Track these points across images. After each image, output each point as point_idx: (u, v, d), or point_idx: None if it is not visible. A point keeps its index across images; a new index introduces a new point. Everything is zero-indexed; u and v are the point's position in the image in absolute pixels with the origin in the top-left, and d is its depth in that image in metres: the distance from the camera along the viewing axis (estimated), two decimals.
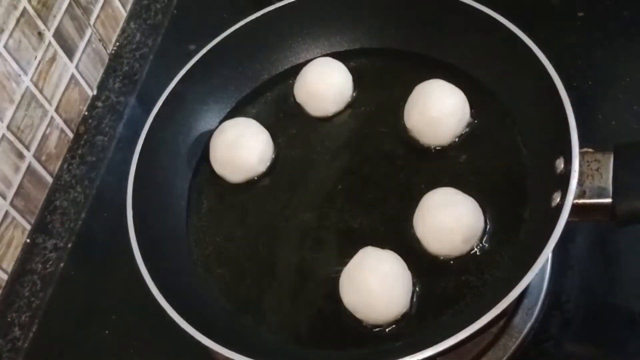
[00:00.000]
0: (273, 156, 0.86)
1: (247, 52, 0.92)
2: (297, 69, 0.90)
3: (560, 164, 0.71)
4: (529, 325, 0.78)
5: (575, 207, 0.67)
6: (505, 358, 0.77)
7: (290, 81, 0.91)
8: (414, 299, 0.73)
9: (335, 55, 0.91)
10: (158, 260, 0.76)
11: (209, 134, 0.88)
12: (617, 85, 0.92)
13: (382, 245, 0.75)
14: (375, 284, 0.72)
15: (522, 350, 0.77)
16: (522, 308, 0.79)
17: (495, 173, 0.79)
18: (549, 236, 0.65)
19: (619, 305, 0.79)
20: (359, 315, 0.73)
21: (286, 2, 0.90)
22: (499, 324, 0.77)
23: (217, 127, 0.88)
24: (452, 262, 0.74)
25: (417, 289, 0.74)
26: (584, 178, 0.69)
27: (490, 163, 0.80)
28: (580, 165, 0.69)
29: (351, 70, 0.89)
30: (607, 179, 0.69)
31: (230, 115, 0.90)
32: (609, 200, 0.68)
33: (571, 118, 0.71)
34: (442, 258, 0.74)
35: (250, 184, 0.85)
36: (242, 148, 0.84)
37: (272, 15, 0.90)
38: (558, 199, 0.69)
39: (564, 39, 0.96)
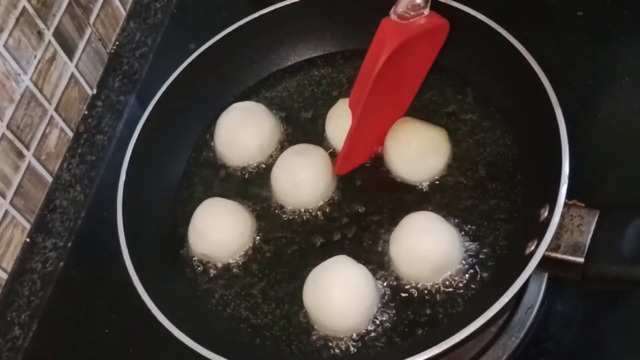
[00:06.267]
0: (275, 148, 0.87)
1: (247, 51, 0.92)
2: (297, 68, 0.91)
3: (544, 212, 0.70)
4: (528, 324, 0.78)
5: (546, 260, 0.66)
6: (505, 357, 0.77)
7: (289, 82, 0.91)
8: (375, 320, 0.73)
9: (336, 55, 0.91)
10: (149, 265, 0.77)
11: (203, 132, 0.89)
12: (617, 84, 0.92)
13: (358, 259, 0.75)
14: (337, 292, 0.72)
15: (522, 349, 0.77)
16: (521, 307, 0.79)
17: (484, 211, 0.78)
18: (510, 285, 0.65)
19: (619, 304, 0.79)
20: (312, 316, 0.74)
21: (286, 3, 0.90)
22: (498, 323, 0.77)
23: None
24: (419, 288, 0.74)
25: (380, 310, 0.74)
26: (563, 232, 0.68)
27: (482, 199, 0.79)
28: (563, 218, 0.68)
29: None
30: (586, 238, 0.68)
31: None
32: (581, 259, 0.68)
33: (565, 169, 0.70)
34: (410, 283, 0.75)
35: (247, 183, 0.86)
36: (244, 133, 0.85)
37: (271, 16, 0.91)
38: (533, 247, 0.68)
39: (564, 39, 0.96)
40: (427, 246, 0.73)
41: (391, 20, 0.74)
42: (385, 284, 0.75)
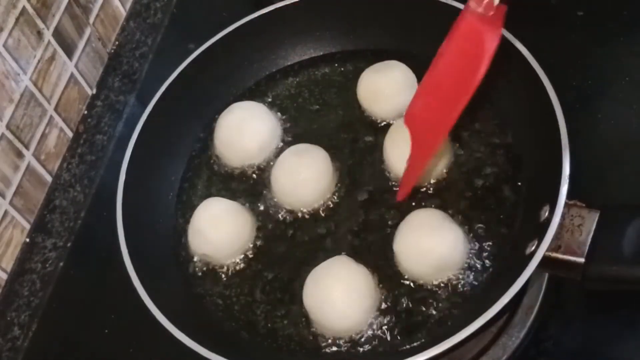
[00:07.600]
0: (275, 148, 0.87)
1: (247, 51, 0.92)
2: (297, 68, 0.91)
3: (545, 212, 0.70)
4: (528, 324, 0.78)
5: (546, 260, 0.67)
6: (505, 357, 0.77)
7: (289, 82, 0.91)
8: (375, 320, 0.73)
9: (336, 55, 0.91)
10: (149, 265, 0.77)
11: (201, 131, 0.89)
12: (617, 84, 0.92)
13: (358, 259, 0.75)
14: (337, 292, 0.72)
15: (522, 349, 0.77)
16: (521, 307, 0.79)
17: (484, 211, 0.78)
18: (510, 285, 0.65)
19: (619, 304, 0.79)
20: (312, 316, 0.74)
21: (286, 3, 0.91)
22: (498, 324, 0.77)
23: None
24: (419, 288, 0.74)
25: (380, 310, 0.74)
26: (563, 232, 0.68)
27: (482, 199, 0.79)
28: (563, 218, 0.68)
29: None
30: (586, 238, 0.68)
31: None
32: (581, 260, 0.67)
33: (566, 169, 0.70)
34: (411, 282, 0.75)
35: (247, 183, 0.86)
36: (244, 133, 0.85)
37: (271, 16, 0.91)
38: (533, 247, 0.68)
39: (564, 39, 0.96)
40: (433, 242, 0.73)
41: (475, 11, 0.68)
42: (385, 284, 0.75)
